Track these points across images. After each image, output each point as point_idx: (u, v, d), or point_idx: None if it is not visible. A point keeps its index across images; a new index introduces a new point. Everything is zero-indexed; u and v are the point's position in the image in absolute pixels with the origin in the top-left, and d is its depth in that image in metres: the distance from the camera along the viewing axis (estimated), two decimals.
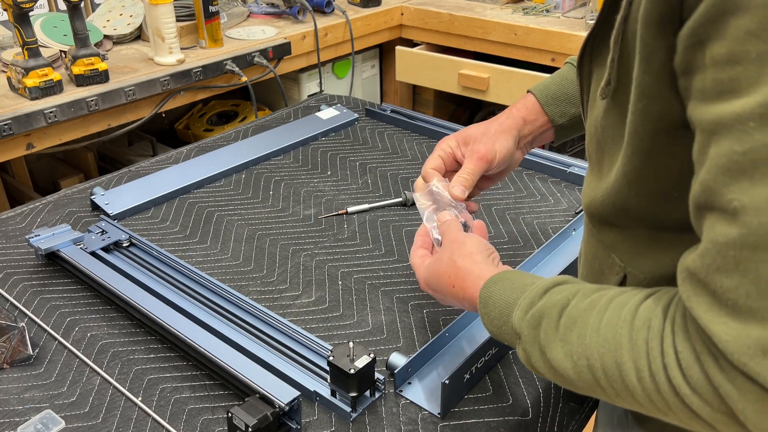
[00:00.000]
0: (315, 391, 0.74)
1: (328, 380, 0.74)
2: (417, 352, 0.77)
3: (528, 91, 0.85)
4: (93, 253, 0.96)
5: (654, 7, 0.44)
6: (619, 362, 0.48)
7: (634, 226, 0.59)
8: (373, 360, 0.72)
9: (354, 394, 0.71)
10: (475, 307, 0.64)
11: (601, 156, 0.59)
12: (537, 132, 0.84)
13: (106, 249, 0.98)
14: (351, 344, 0.72)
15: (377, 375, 0.75)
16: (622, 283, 0.61)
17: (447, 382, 0.70)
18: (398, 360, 0.76)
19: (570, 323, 0.52)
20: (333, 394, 0.74)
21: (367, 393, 0.74)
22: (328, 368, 0.72)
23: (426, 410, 0.74)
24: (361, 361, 0.70)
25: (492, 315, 0.60)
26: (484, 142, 0.80)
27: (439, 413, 0.73)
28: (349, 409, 0.72)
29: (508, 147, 0.81)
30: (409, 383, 0.77)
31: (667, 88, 0.46)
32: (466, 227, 0.77)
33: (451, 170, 0.83)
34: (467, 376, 0.75)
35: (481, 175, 0.80)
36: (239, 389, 0.74)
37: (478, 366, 0.76)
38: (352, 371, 0.69)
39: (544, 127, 0.84)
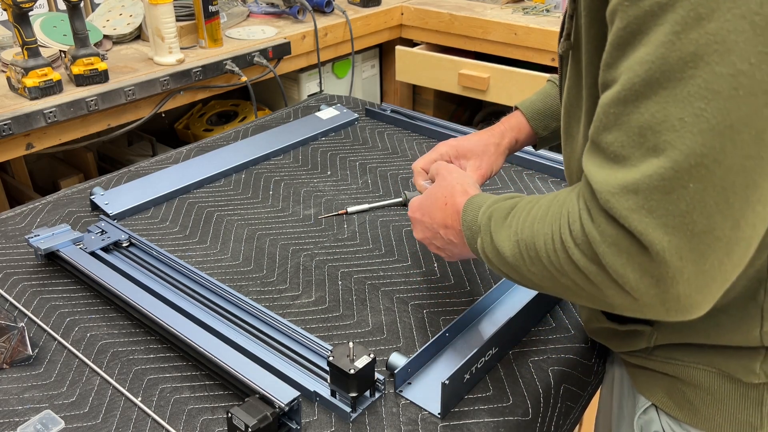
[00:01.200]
0: (315, 391, 0.74)
1: (328, 380, 0.74)
2: (417, 352, 0.77)
3: (515, 107, 0.95)
4: (93, 253, 0.96)
5: None
6: (535, 232, 0.58)
7: None
8: (373, 360, 0.71)
9: (354, 394, 0.71)
10: (457, 222, 0.72)
11: (569, 121, 0.66)
12: (521, 147, 0.95)
13: (105, 249, 0.98)
14: (351, 344, 0.72)
15: (377, 375, 0.75)
16: None
17: (447, 382, 0.70)
18: (398, 360, 0.76)
19: (515, 213, 0.63)
20: (333, 394, 0.74)
21: (367, 393, 0.74)
22: (328, 368, 0.72)
23: (426, 410, 0.74)
24: (361, 361, 0.70)
25: (467, 219, 0.70)
26: (485, 161, 0.89)
27: (439, 413, 0.73)
28: (349, 409, 0.72)
29: (500, 165, 0.92)
30: (409, 383, 0.77)
31: (599, 23, 0.54)
32: None
33: None
34: (467, 376, 0.74)
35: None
36: (239, 389, 0.74)
37: (478, 366, 0.76)
38: (352, 371, 0.69)
39: (529, 140, 0.94)
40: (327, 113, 1.48)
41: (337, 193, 1.19)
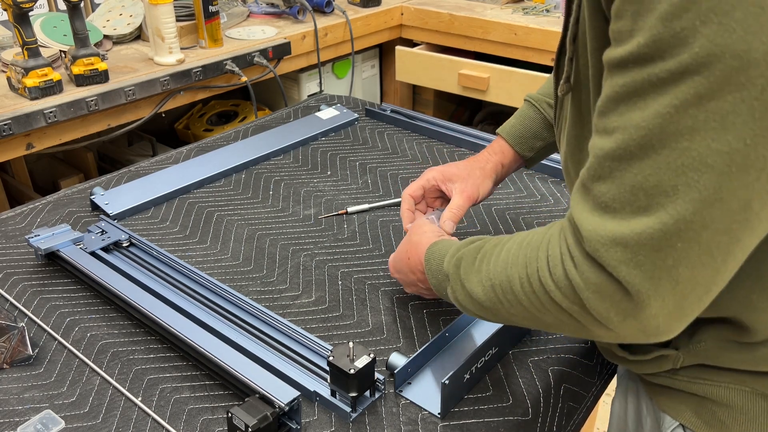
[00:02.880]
0: (315, 391, 0.74)
1: (328, 380, 0.74)
2: (417, 352, 0.77)
3: (497, 134, 0.97)
4: (93, 253, 0.96)
5: None
6: (510, 275, 0.60)
7: None
8: (373, 360, 0.71)
9: (354, 394, 0.71)
10: (423, 271, 0.75)
11: (571, 163, 0.66)
12: (510, 169, 0.97)
13: (105, 249, 0.98)
14: (351, 344, 0.72)
15: (377, 375, 0.75)
16: None
17: (447, 382, 0.70)
18: (398, 360, 0.76)
19: (482, 257, 0.64)
20: (333, 394, 0.74)
21: (367, 393, 0.74)
22: (328, 368, 0.72)
23: (426, 410, 0.74)
24: (361, 361, 0.70)
25: (432, 267, 0.72)
26: (471, 183, 0.91)
27: (439, 413, 0.73)
28: (349, 409, 0.72)
29: (489, 188, 0.93)
30: (409, 383, 0.77)
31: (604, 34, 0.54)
32: None
33: (430, 197, 0.95)
34: (467, 376, 0.75)
35: (465, 211, 0.90)
36: (239, 389, 0.74)
37: (478, 366, 0.76)
38: (352, 371, 0.69)
39: (516, 163, 0.96)
40: (327, 113, 1.48)
41: (337, 193, 1.19)
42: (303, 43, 1.99)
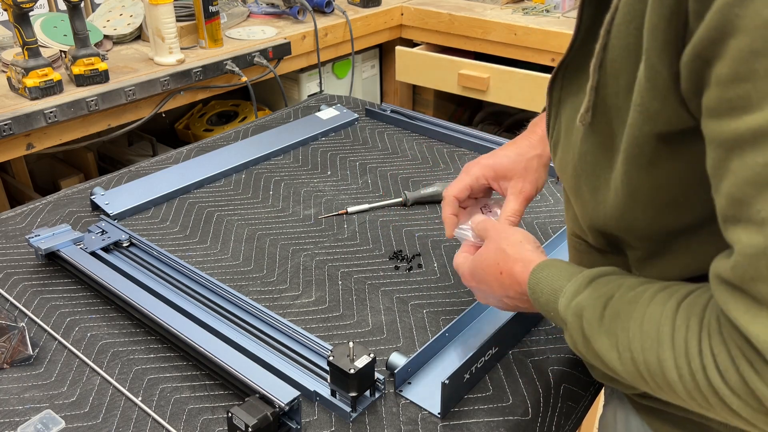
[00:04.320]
0: (315, 391, 0.74)
1: (328, 380, 0.74)
2: (417, 352, 0.77)
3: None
4: (93, 253, 0.96)
5: (660, 34, 0.45)
6: (661, 359, 0.49)
7: (637, 244, 0.59)
8: (373, 360, 0.72)
9: (354, 394, 0.71)
10: (522, 292, 0.65)
11: (578, 182, 0.60)
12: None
13: (106, 249, 0.98)
14: (351, 344, 0.72)
15: (377, 375, 0.75)
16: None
17: (447, 382, 0.70)
18: (398, 360, 0.76)
19: (614, 316, 0.53)
20: (333, 394, 0.74)
21: (367, 393, 0.74)
22: (328, 368, 0.73)
23: (426, 410, 0.74)
24: (361, 361, 0.71)
25: (540, 301, 0.62)
26: (529, 180, 0.78)
27: (439, 413, 0.73)
28: (349, 409, 0.72)
29: (545, 180, 0.80)
30: (409, 383, 0.77)
31: (673, 108, 0.47)
32: None
33: (477, 197, 0.83)
34: (467, 376, 0.75)
35: (522, 213, 0.79)
36: (239, 389, 0.74)
37: (478, 366, 0.76)
38: (352, 371, 0.69)
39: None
40: (327, 113, 1.48)
41: (337, 193, 1.19)
42: (303, 43, 1.99)
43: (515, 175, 0.78)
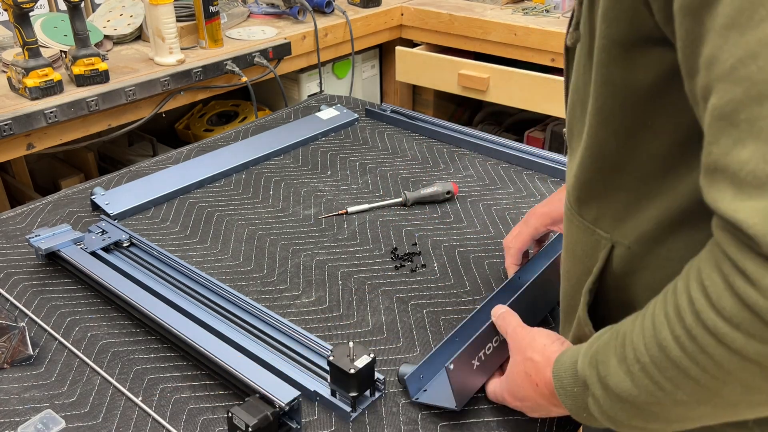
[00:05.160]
0: (315, 391, 0.74)
1: (328, 380, 0.74)
2: (425, 357, 0.77)
3: None
4: (93, 253, 0.96)
5: None
6: (661, 341, 0.45)
7: (615, 187, 0.58)
8: (373, 360, 0.72)
9: (354, 394, 0.71)
10: (554, 391, 0.61)
11: (572, 120, 0.61)
12: None
13: (106, 249, 0.98)
14: (351, 344, 0.72)
15: (377, 375, 0.75)
16: (610, 254, 0.60)
17: (452, 366, 0.69)
18: (407, 369, 0.75)
19: (622, 340, 0.51)
20: (333, 394, 0.74)
21: (367, 393, 0.74)
22: (328, 368, 0.73)
23: (443, 407, 0.73)
24: (361, 361, 0.71)
25: (565, 383, 0.58)
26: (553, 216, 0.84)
27: (456, 406, 0.71)
28: (349, 409, 0.72)
29: None
30: (425, 390, 0.76)
31: (633, 8, 0.47)
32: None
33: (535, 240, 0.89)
34: (476, 363, 0.73)
35: None
36: (239, 389, 0.74)
37: (487, 353, 0.75)
38: (352, 371, 0.69)
39: None
40: (327, 113, 1.48)
41: (337, 193, 1.19)
42: (303, 44, 1.99)
43: None
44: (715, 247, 0.41)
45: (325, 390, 0.74)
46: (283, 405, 0.68)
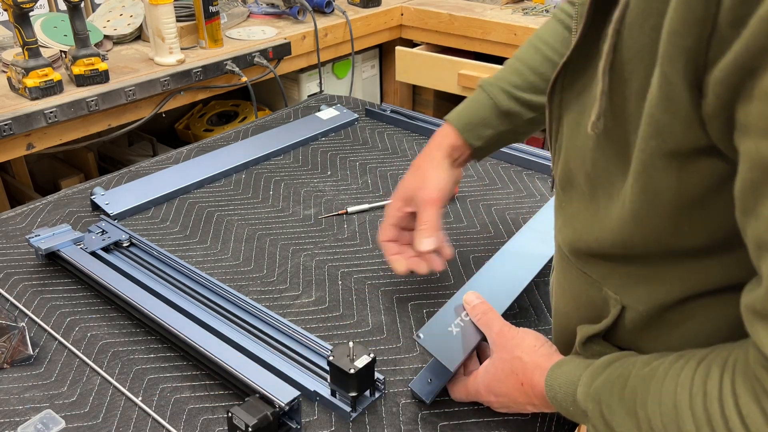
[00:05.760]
0: (315, 391, 0.74)
1: (328, 380, 0.74)
2: (429, 362, 0.77)
3: (444, 120, 0.87)
4: (93, 253, 0.96)
5: (680, 41, 0.40)
6: (682, 430, 0.47)
7: (631, 260, 0.55)
8: (373, 360, 0.72)
9: (354, 394, 0.71)
10: (544, 399, 0.63)
11: (594, 191, 0.57)
12: (464, 154, 0.86)
13: (106, 249, 0.98)
14: (351, 344, 0.72)
15: (377, 375, 0.75)
16: (620, 315, 0.58)
17: (421, 335, 0.71)
18: (417, 381, 0.75)
19: (632, 395, 0.51)
20: (333, 393, 0.74)
21: (368, 393, 0.74)
22: (328, 368, 0.73)
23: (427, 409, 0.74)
24: (361, 361, 0.71)
25: (559, 398, 0.59)
26: (426, 188, 0.82)
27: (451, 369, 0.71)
28: (349, 409, 0.72)
29: (445, 178, 0.83)
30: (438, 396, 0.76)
31: (686, 124, 0.43)
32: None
33: (407, 229, 0.86)
34: (454, 329, 0.74)
35: (439, 217, 0.81)
36: (239, 389, 0.74)
37: (465, 319, 0.75)
38: (352, 371, 0.69)
39: (468, 150, 0.86)
40: (327, 113, 1.48)
41: (337, 193, 1.19)
42: (303, 44, 1.99)
43: (417, 190, 0.82)
44: (754, 378, 0.42)
45: (325, 390, 0.74)
46: (283, 405, 0.68)
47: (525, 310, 0.90)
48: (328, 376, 0.74)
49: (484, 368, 0.71)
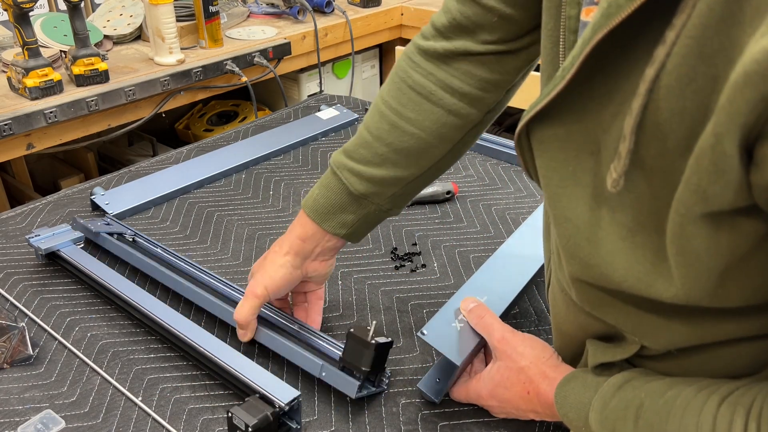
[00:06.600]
0: (322, 365, 0.73)
1: (342, 354, 0.72)
2: (435, 363, 0.76)
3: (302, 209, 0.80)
4: (96, 237, 0.96)
5: (742, 119, 0.38)
6: None
7: (649, 308, 0.53)
8: (391, 343, 0.71)
9: (366, 369, 0.70)
10: (550, 409, 0.63)
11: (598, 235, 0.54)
12: (324, 244, 0.78)
13: (110, 234, 0.98)
14: (374, 323, 0.72)
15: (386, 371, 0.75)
16: (641, 351, 0.57)
17: (425, 332, 0.71)
18: (425, 381, 0.75)
19: (647, 427, 0.51)
20: (342, 369, 0.73)
21: (372, 387, 0.73)
22: (344, 341, 0.72)
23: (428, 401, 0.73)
24: (381, 339, 0.70)
25: (570, 416, 0.60)
26: (255, 279, 0.78)
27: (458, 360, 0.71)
28: (357, 383, 0.70)
29: (279, 279, 0.77)
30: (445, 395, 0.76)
31: (736, 191, 0.41)
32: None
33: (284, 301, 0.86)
34: (458, 325, 0.74)
35: (257, 309, 0.77)
36: (239, 389, 0.74)
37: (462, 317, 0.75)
38: (373, 341, 0.68)
39: (331, 239, 0.78)
40: (327, 113, 1.48)
41: None
42: (303, 44, 1.99)
43: (252, 275, 0.80)
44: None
45: (332, 367, 0.73)
46: (283, 405, 0.68)
47: (525, 311, 0.90)
48: (339, 354, 0.73)
49: (487, 373, 0.71)
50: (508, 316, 0.87)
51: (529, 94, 1.92)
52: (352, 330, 0.71)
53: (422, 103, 0.71)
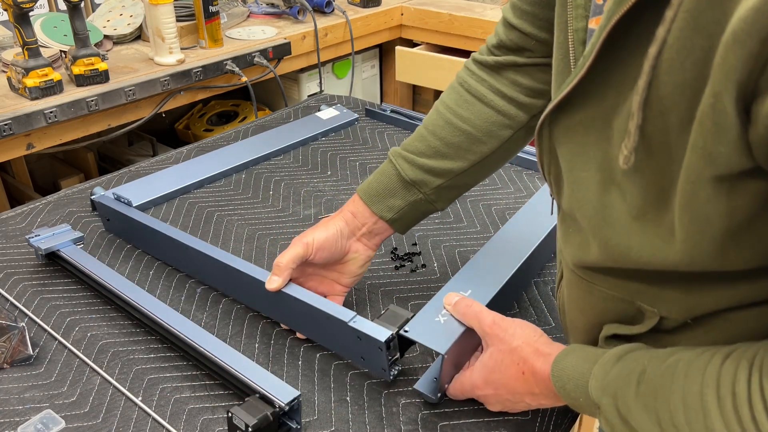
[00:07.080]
0: (355, 314, 0.75)
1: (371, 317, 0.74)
2: (432, 364, 0.77)
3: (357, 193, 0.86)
4: (127, 213, 0.96)
5: (737, 76, 0.40)
6: (710, 429, 0.47)
7: (668, 279, 0.55)
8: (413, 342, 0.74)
9: (395, 331, 0.73)
10: (547, 387, 0.63)
11: (575, 207, 0.58)
12: (371, 225, 0.84)
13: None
14: (411, 314, 0.75)
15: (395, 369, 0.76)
16: (659, 324, 0.58)
17: (407, 329, 0.73)
18: (422, 381, 0.76)
19: (650, 391, 0.52)
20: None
21: (387, 367, 0.74)
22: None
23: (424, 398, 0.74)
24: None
25: (568, 388, 0.60)
26: (305, 233, 0.82)
27: (445, 352, 0.70)
28: (390, 332, 0.72)
29: (327, 236, 0.81)
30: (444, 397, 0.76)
31: (738, 150, 0.43)
32: None
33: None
34: (441, 319, 0.75)
35: (299, 259, 0.79)
36: (239, 389, 0.74)
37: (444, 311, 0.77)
38: (411, 315, 0.73)
39: (378, 222, 0.83)
40: (327, 113, 1.48)
41: (337, 193, 1.19)
42: (303, 43, 1.99)
43: (301, 235, 0.82)
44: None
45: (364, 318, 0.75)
46: (283, 405, 0.68)
47: (525, 309, 0.90)
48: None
49: (480, 362, 0.71)
50: (544, 329, 0.86)
51: None
52: (391, 306, 0.76)
53: (475, 104, 0.80)
